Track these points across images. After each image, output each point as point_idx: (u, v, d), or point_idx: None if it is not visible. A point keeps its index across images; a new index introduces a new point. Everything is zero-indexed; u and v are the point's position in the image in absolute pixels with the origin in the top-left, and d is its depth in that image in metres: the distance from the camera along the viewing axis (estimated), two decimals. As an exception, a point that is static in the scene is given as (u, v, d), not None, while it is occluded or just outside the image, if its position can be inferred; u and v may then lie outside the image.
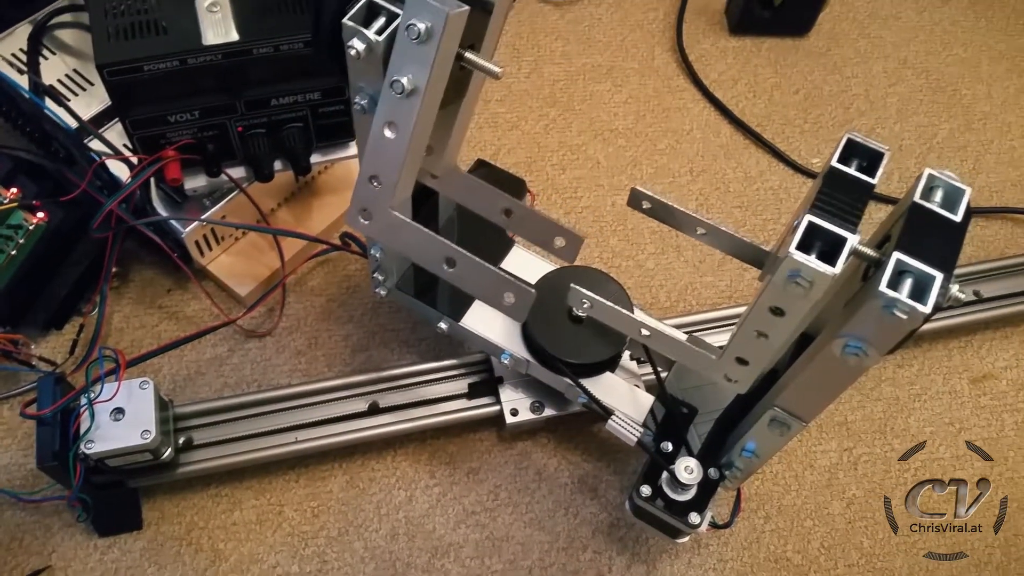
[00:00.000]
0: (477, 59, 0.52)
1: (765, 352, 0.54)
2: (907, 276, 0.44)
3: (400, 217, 0.58)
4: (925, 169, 0.48)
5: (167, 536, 0.74)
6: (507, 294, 0.58)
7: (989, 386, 0.88)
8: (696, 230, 0.62)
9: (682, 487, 0.65)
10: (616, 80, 1.08)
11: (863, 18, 1.19)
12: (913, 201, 0.47)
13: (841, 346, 0.48)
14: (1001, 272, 0.92)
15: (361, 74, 0.52)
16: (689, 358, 0.61)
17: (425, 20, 0.47)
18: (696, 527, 0.65)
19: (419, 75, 0.49)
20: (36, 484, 0.73)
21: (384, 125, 0.53)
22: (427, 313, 0.75)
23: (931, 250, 0.44)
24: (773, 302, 0.49)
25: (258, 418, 0.75)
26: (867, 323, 0.46)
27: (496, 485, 0.78)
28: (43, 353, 0.80)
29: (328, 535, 0.75)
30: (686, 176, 1.00)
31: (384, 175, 0.56)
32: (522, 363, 0.73)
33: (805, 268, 0.45)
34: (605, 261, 0.92)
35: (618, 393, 0.72)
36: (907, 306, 0.43)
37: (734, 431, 0.67)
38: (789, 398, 0.56)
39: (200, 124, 0.74)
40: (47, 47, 0.87)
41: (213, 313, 0.84)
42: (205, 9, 0.70)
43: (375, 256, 0.70)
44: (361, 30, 0.49)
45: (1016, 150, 1.07)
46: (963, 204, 0.47)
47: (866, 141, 0.50)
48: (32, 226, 0.77)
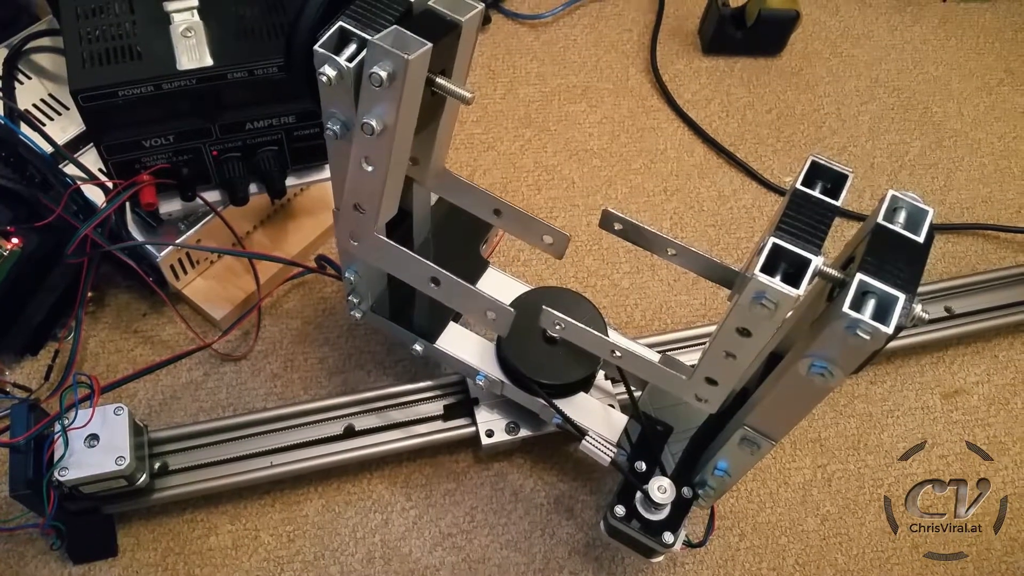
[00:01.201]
0: (448, 84, 0.53)
1: (733, 372, 0.55)
2: (870, 297, 0.45)
3: (386, 240, 0.60)
4: (888, 191, 0.49)
5: (143, 563, 0.74)
6: (488, 312, 0.61)
7: (961, 401, 0.89)
8: (667, 251, 0.63)
9: (656, 506, 0.66)
10: (591, 100, 1.09)
11: (835, 37, 1.21)
12: (876, 223, 0.48)
13: (807, 366, 0.48)
14: (972, 288, 0.93)
15: (333, 100, 0.52)
16: (661, 378, 0.61)
17: (386, 67, 0.48)
18: (670, 546, 0.66)
19: (387, 116, 0.50)
20: (9, 512, 0.73)
21: (361, 159, 0.54)
22: (402, 335, 0.75)
23: (894, 271, 0.45)
24: (740, 323, 0.50)
25: (233, 442, 0.75)
26: (831, 344, 0.46)
27: (472, 507, 0.79)
28: (18, 379, 0.80)
29: (304, 559, 0.75)
30: (660, 195, 1.01)
31: (367, 203, 0.58)
32: (496, 384, 0.73)
33: (770, 290, 0.45)
34: (580, 280, 0.93)
35: (592, 413, 0.73)
36: (870, 327, 0.43)
37: (706, 450, 0.67)
38: (758, 417, 0.57)
39: (175, 148, 0.74)
40: (22, 71, 0.87)
41: (188, 337, 0.84)
42: (180, 34, 0.71)
43: (350, 279, 0.71)
44: (332, 57, 0.49)
45: (986, 167, 1.09)
46: (926, 225, 0.48)
47: (830, 163, 0.51)
48: (7, 252, 0.77)
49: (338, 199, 0.62)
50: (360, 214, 0.58)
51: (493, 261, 0.93)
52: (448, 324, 0.75)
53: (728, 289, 0.62)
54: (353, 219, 0.59)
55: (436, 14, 0.53)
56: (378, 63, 0.48)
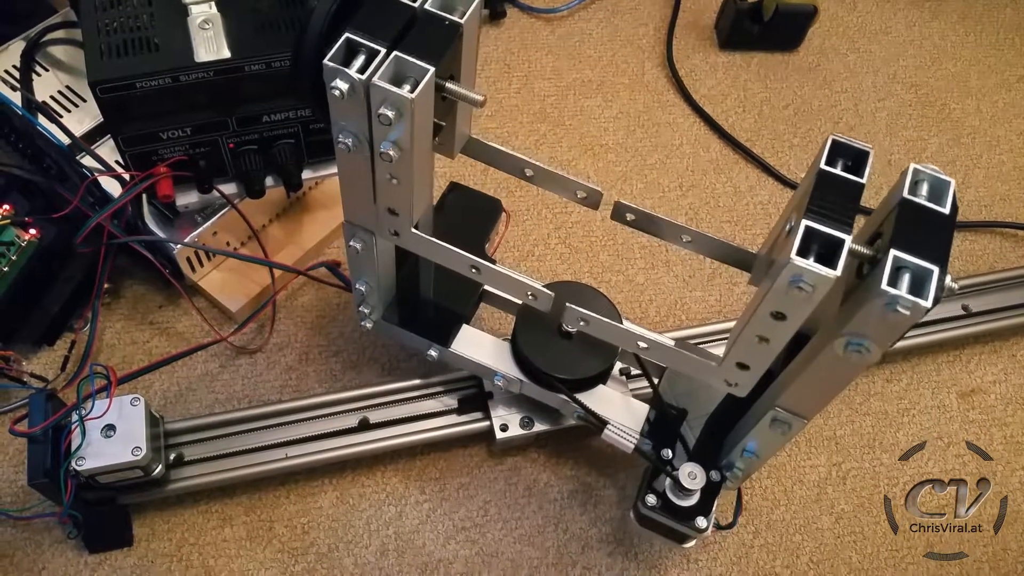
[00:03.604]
0: (459, 89, 0.53)
1: (767, 356, 0.55)
2: (904, 272, 0.45)
3: (424, 236, 0.60)
4: (910, 164, 0.49)
5: (157, 553, 0.74)
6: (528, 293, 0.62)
7: (978, 400, 0.89)
8: (681, 238, 0.63)
9: (686, 492, 0.66)
10: (606, 95, 1.09)
11: (852, 33, 1.20)
12: (903, 197, 0.48)
13: (843, 344, 0.49)
14: (989, 287, 0.92)
15: (345, 113, 0.51)
16: (689, 366, 0.61)
17: (391, 109, 0.48)
18: (704, 531, 0.66)
19: (403, 142, 0.51)
20: (27, 501, 0.73)
21: (386, 175, 0.54)
22: (415, 342, 0.75)
23: (925, 244, 0.46)
24: (775, 308, 0.49)
25: (248, 434, 0.75)
26: (869, 321, 0.46)
27: (486, 501, 0.79)
28: (34, 369, 0.80)
29: (318, 551, 0.75)
30: (676, 191, 1.01)
31: (400, 208, 0.58)
32: (514, 383, 0.73)
33: (807, 273, 0.45)
34: (595, 276, 0.93)
35: (613, 404, 0.73)
36: (909, 302, 0.44)
37: (731, 433, 0.67)
38: (790, 398, 0.57)
39: (192, 141, 0.74)
40: (40, 64, 0.88)
41: (204, 329, 0.84)
42: (197, 27, 0.71)
43: (361, 290, 0.70)
44: (343, 70, 0.48)
45: (1004, 164, 1.08)
46: (949, 196, 0.48)
47: (850, 141, 0.51)
48: (24, 243, 0.77)
49: (348, 210, 0.62)
50: (395, 216, 0.59)
51: (508, 255, 0.93)
52: (461, 327, 0.75)
53: (746, 271, 0.62)
54: (390, 220, 0.59)
55: (436, 18, 0.52)
56: (383, 104, 0.48)
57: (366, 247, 0.64)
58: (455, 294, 0.76)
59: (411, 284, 0.74)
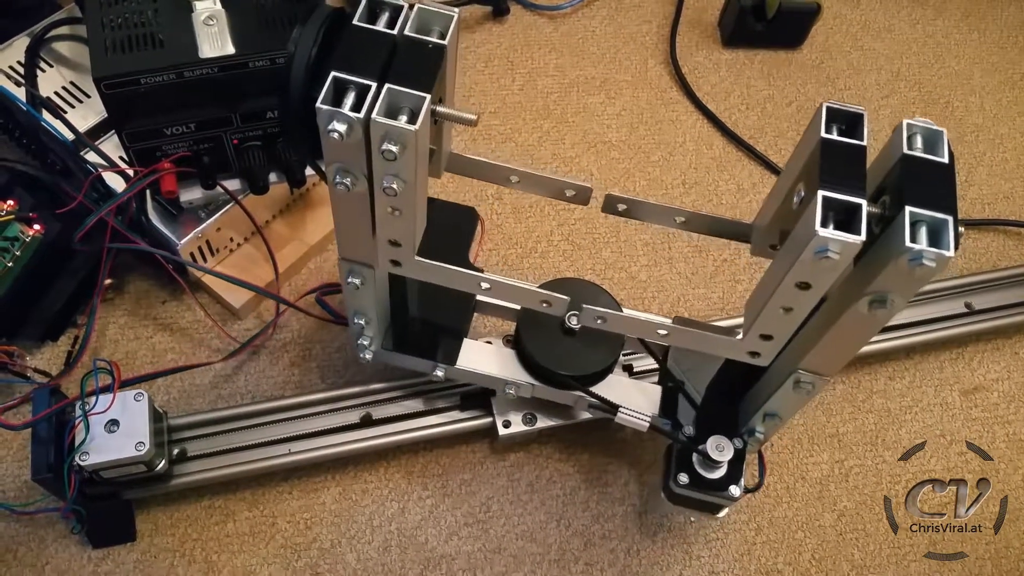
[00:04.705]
0: (452, 111, 0.51)
1: (790, 325, 0.55)
2: (920, 225, 0.46)
3: (427, 262, 0.59)
4: (903, 120, 0.50)
5: (160, 548, 0.74)
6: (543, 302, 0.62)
7: (980, 398, 0.89)
8: (675, 220, 0.63)
9: (715, 464, 0.67)
10: (609, 92, 1.09)
11: (856, 31, 1.20)
12: (904, 153, 0.49)
13: (867, 303, 0.50)
14: (993, 284, 0.92)
15: (342, 154, 0.50)
16: (712, 345, 0.62)
17: (394, 143, 0.47)
18: (737, 498, 0.68)
19: (407, 175, 0.50)
20: (30, 496, 0.74)
21: (387, 209, 0.53)
22: (419, 365, 0.74)
23: (934, 196, 0.47)
24: (801, 278, 0.50)
25: (252, 430, 0.75)
26: (895, 278, 0.48)
27: (488, 497, 0.79)
28: (38, 365, 0.81)
29: (321, 547, 0.75)
30: (679, 188, 1.01)
31: (403, 238, 0.57)
32: (526, 388, 0.73)
33: (833, 242, 0.46)
34: (598, 273, 0.93)
35: (627, 391, 0.73)
36: (933, 254, 0.45)
37: (746, 400, 0.68)
38: (813, 359, 0.58)
39: (196, 137, 0.75)
40: (44, 59, 0.88)
41: (207, 324, 0.84)
42: (202, 22, 0.71)
43: (361, 324, 0.68)
44: (339, 111, 0.47)
45: (1008, 162, 1.08)
46: (945, 145, 0.50)
47: (843, 106, 0.51)
48: (28, 238, 0.77)
49: (344, 248, 0.60)
50: (397, 247, 0.58)
51: (511, 252, 0.93)
52: (463, 342, 0.74)
53: (744, 243, 0.63)
54: (389, 252, 0.58)
55: (418, 43, 0.50)
56: (385, 140, 0.47)
57: (365, 282, 0.63)
58: (449, 310, 0.75)
59: (402, 307, 0.72)
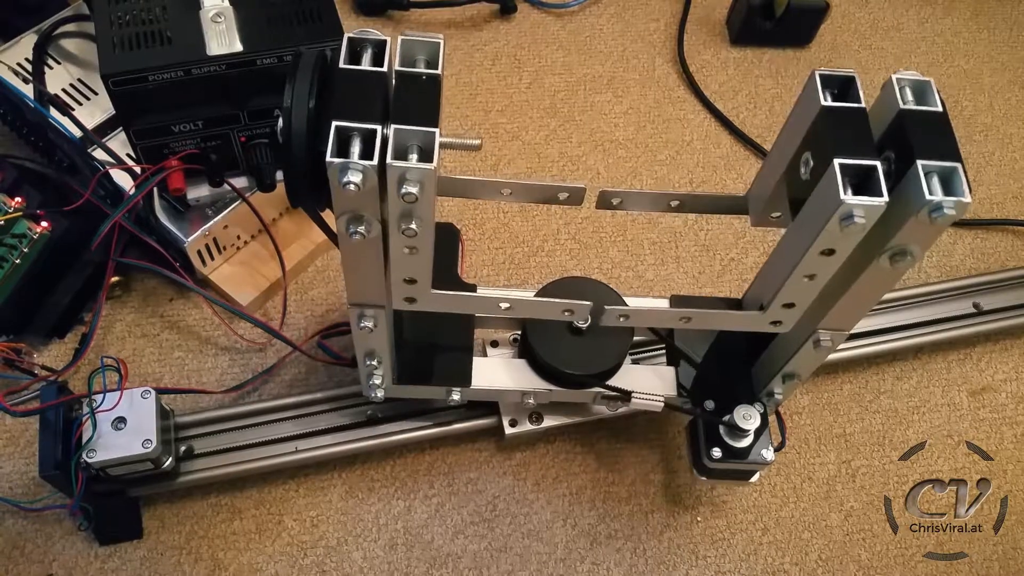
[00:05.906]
0: (457, 140, 0.51)
1: (812, 291, 0.56)
2: (932, 175, 0.47)
3: (446, 292, 0.58)
4: (892, 75, 0.51)
5: (167, 545, 0.74)
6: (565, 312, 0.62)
7: (988, 399, 0.89)
8: (670, 204, 0.63)
9: (743, 433, 0.68)
10: (617, 91, 1.09)
11: (864, 29, 1.20)
12: (900, 108, 0.50)
13: (888, 257, 0.51)
14: (1001, 285, 0.92)
15: (358, 203, 0.48)
16: (735, 323, 0.62)
17: (414, 186, 0.46)
18: (771, 461, 0.69)
19: (425, 214, 0.49)
20: (37, 493, 0.74)
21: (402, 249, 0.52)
22: (434, 392, 0.73)
23: (938, 145, 0.48)
24: (827, 245, 0.50)
25: (258, 427, 0.75)
26: (916, 231, 0.49)
27: (494, 495, 0.79)
28: (45, 362, 0.81)
29: (327, 545, 0.75)
30: (686, 187, 1.01)
31: (419, 275, 0.56)
32: (544, 395, 0.72)
33: (858, 207, 0.46)
34: (605, 272, 0.93)
35: (643, 377, 0.73)
36: (952, 202, 0.46)
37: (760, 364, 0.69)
38: (832, 318, 0.59)
39: (203, 134, 0.75)
40: (52, 56, 0.88)
41: (215, 322, 0.84)
42: (210, 20, 0.71)
43: (374, 364, 0.66)
44: (353, 162, 0.45)
45: (1017, 162, 1.08)
46: (935, 93, 0.50)
47: (834, 72, 0.52)
48: (36, 235, 0.77)
49: (355, 293, 0.58)
50: (412, 284, 0.56)
51: (517, 251, 0.93)
52: (472, 361, 0.72)
53: (742, 215, 0.63)
54: (404, 290, 0.57)
55: (410, 76, 0.48)
56: (403, 183, 0.46)
57: (377, 323, 0.61)
58: (450, 330, 0.73)
59: (403, 338, 0.71)
